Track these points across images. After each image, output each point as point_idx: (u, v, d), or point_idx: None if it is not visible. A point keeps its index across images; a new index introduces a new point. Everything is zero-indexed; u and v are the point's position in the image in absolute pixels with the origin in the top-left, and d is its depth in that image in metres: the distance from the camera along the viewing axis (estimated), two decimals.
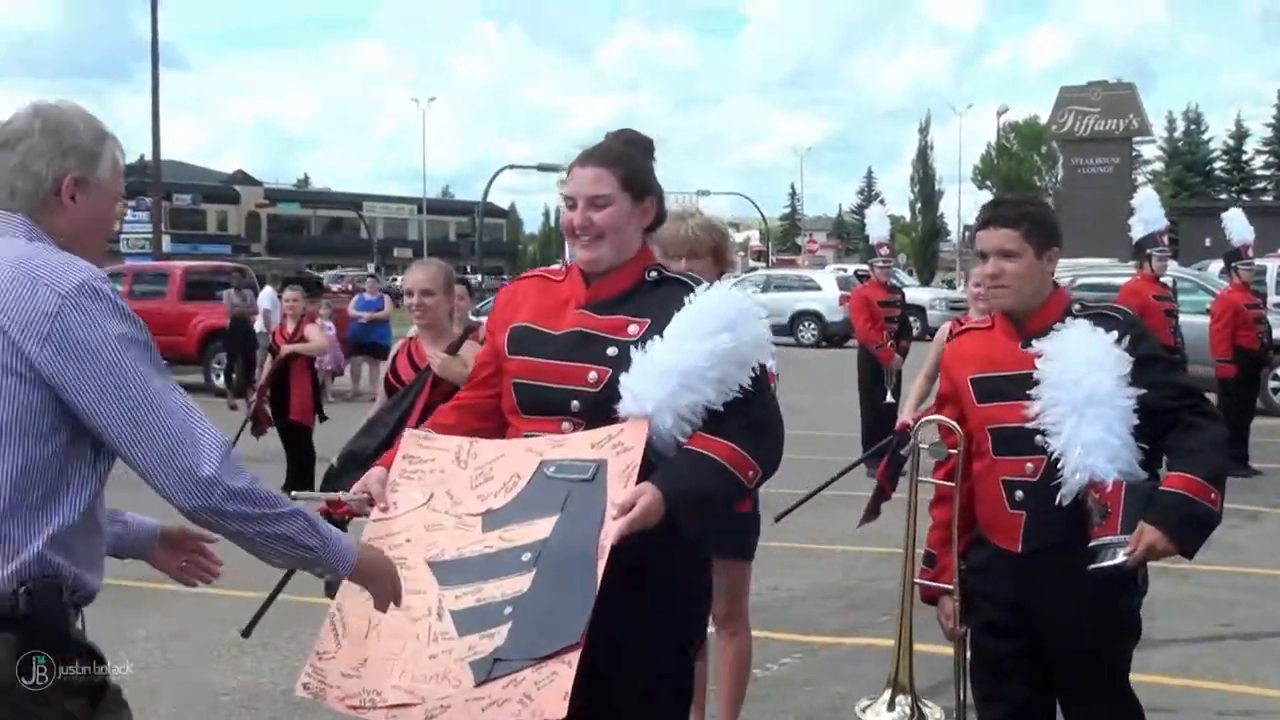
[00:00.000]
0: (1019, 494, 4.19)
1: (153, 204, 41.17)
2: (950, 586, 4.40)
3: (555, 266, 4.07)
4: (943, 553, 4.43)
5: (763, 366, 3.71)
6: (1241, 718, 6.77)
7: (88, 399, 2.77)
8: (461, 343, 6.45)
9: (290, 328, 14.21)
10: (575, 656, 3.29)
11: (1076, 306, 4.26)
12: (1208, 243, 39.44)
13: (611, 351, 3.66)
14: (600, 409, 3.63)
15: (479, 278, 44.66)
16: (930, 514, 4.49)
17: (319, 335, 14.33)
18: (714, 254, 5.43)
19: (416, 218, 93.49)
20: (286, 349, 13.74)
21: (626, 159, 3.81)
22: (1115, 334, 4.10)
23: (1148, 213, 13.79)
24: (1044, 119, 79.62)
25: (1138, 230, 13.82)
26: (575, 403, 3.66)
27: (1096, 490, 4.00)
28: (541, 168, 61.27)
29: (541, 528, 3.39)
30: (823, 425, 14.95)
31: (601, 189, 3.73)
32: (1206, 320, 14.99)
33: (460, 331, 6.63)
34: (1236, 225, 14.98)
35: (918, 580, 4.47)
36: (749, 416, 3.62)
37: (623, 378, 3.60)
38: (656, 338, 3.62)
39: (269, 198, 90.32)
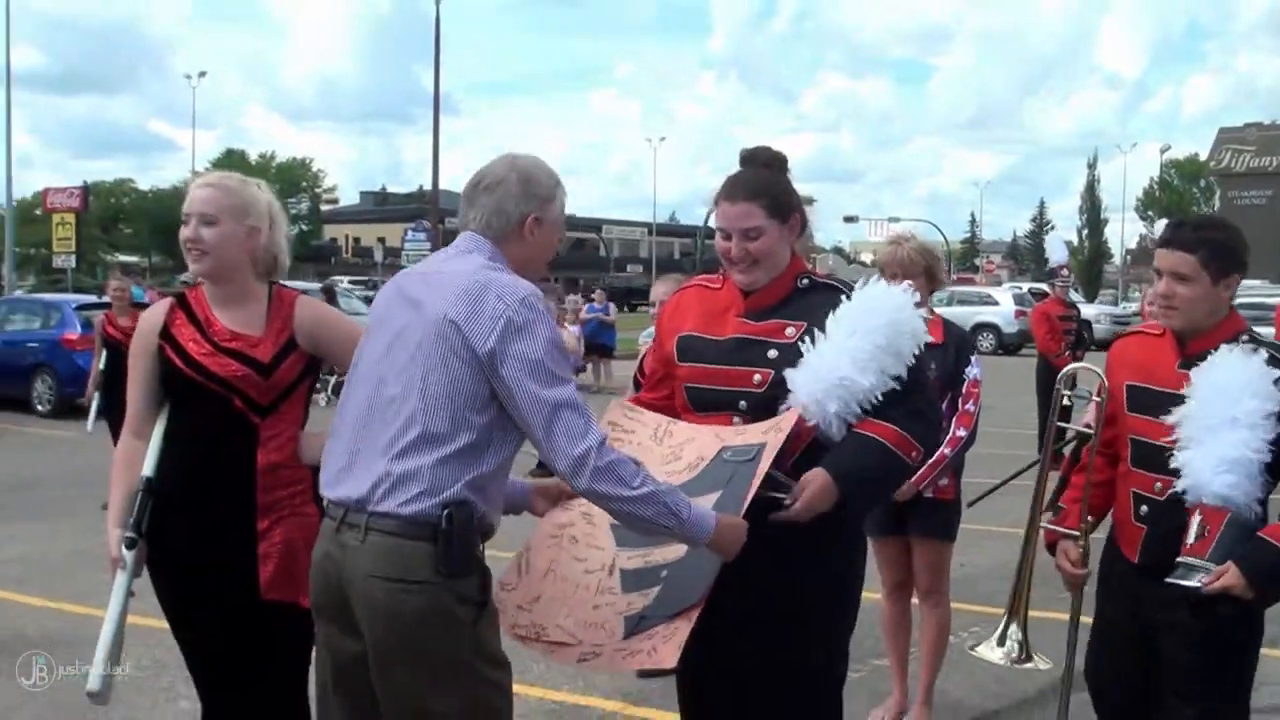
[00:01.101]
0: (1144, 509, 3.75)
1: (431, 226, 42.07)
2: (1075, 531, 3.93)
3: (711, 275, 3.88)
4: (1072, 507, 3.98)
5: (918, 356, 3.54)
6: None
7: (513, 382, 3.03)
8: None
9: None
10: (696, 614, 3.25)
11: (1244, 337, 3.69)
12: None
13: (772, 354, 3.53)
14: (765, 406, 3.50)
15: None
16: (1069, 478, 4.20)
17: (569, 339, 14.55)
18: (926, 274, 5.38)
19: (647, 239, 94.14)
20: None
21: (768, 186, 3.60)
22: (1275, 369, 3.57)
23: None
24: (1203, 156, 77.61)
25: None
26: (743, 402, 3.55)
27: (1204, 510, 3.55)
28: None
29: (706, 502, 3.31)
30: (1005, 424, 14.65)
31: (752, 222, 3.54)
32: None
33: None
34: None
35: (1044, 525, 4.04)
36: (909, 403, 3.48)
37: (789, 372, 3.47)
38: (819, 334, 3.49)
39: None
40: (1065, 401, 4.19)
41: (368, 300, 30.27)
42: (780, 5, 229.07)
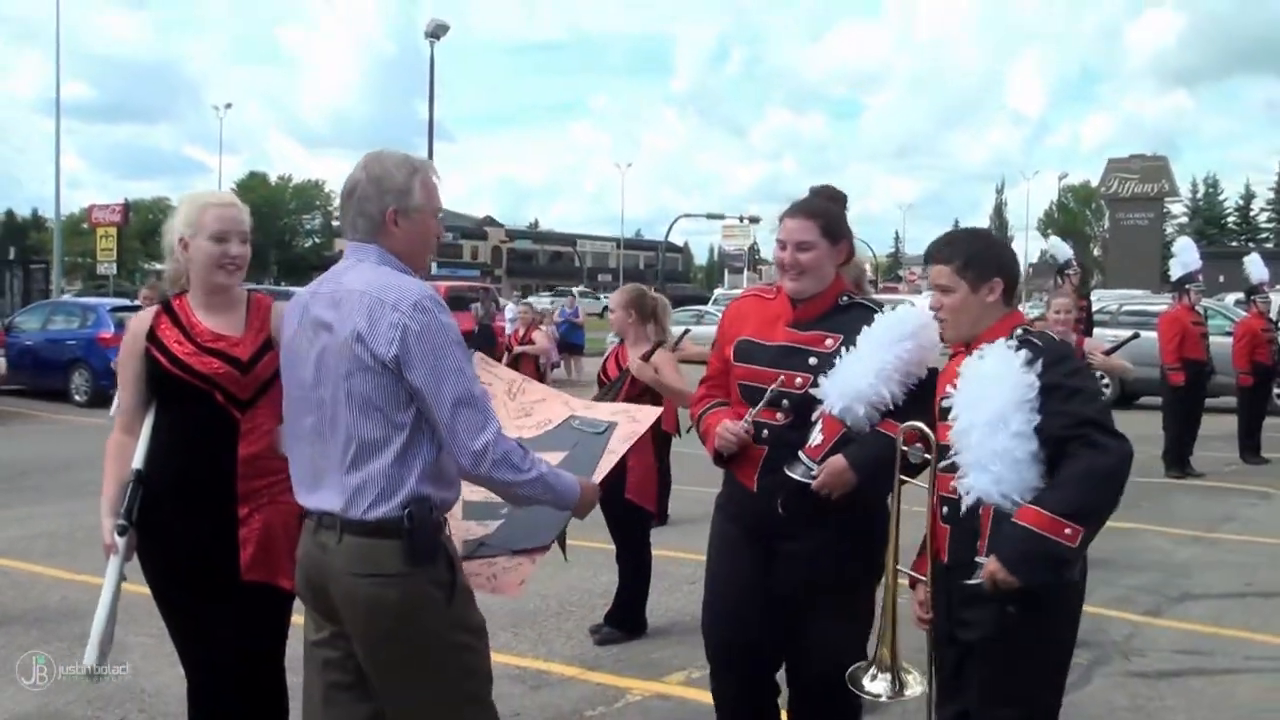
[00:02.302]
0: (945, 509, 3.34)
1: None
2: (923, 577, 3.48)
3: (767, 285, 4.02)
4: (925, 546, 3.49)
5: (933, 368, 3.62)
6: (1265, 662, 6.23)
7: (419, 383, 2.88)
8: (654, 351, 6.34)
9: (522, 332, 14.38)
10: (541, 556, 3.41)
11: (1019, 332, 3.30)
12: (1221, 279, 38.44)
13: (812, 361, 3.64)
14: (805, 404, 3.63)
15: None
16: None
17: (543, 338, 14.44)
18: (856, 284, 5.18)
19: (616, 252, 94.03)
20: (517, 349, 13.87)
21: (825, 211, 3.75)
22: (1028, 357, 3.19)
23: (1186, 256, 13.06)
24: (1094, 183, 78.30)
25: (1177, 269, 13.11)
26: (785, 400, 3.65)
27: (984, 510, 3.21)
28: (709, 216, 61.39)
29: (551, 459, 3.30)
30: None
31: (806, 236, 3.68)
32: (1228, 340, 14.23)
33: (653, 342, 6.49)
34: (1255, 267, 14.33)
35: (900, 569, 3.46)
36: (926, 404, 3.49)
37: (823, 379, 3.59)
38: (851, 346, 3.59)
39: (509, 236, 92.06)
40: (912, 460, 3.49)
41: None
42: (734, 50, 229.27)
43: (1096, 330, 13.60)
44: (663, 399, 6.23)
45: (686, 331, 8.32)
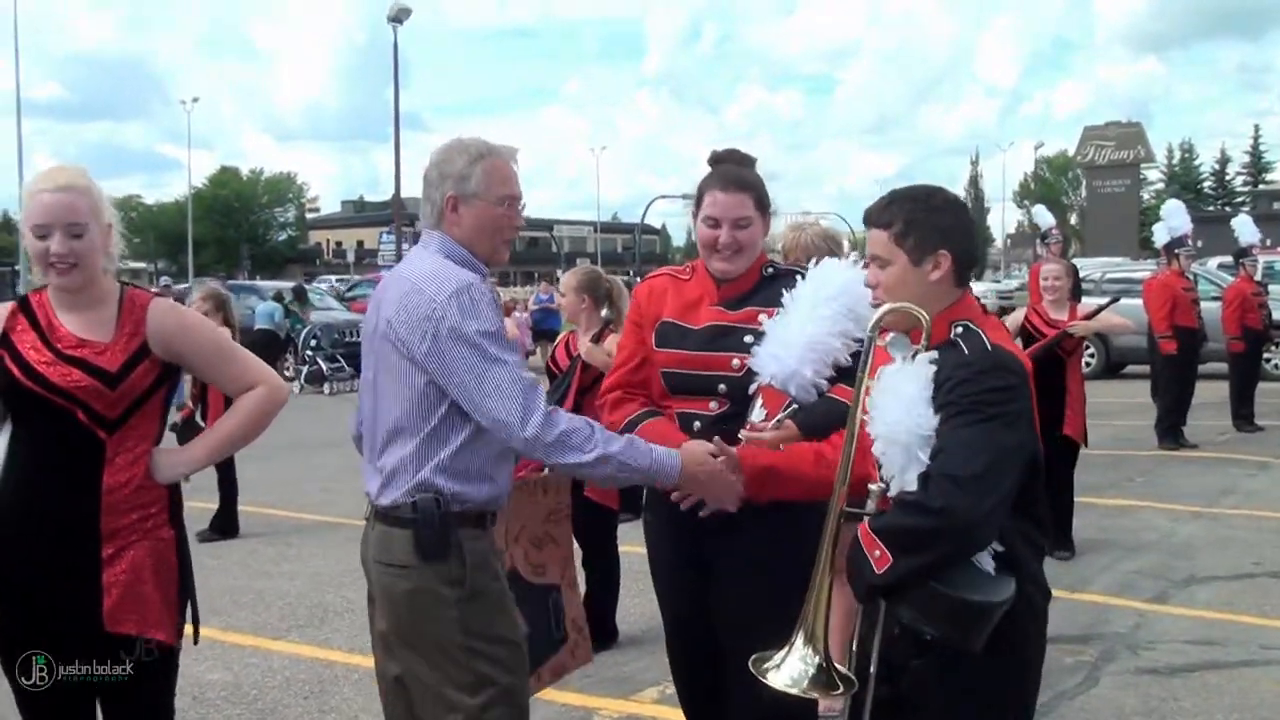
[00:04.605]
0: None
1: (395, 229, 41.44)
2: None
3: (680, 265, 3.63)
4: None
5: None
6: None
7: (454, 376, 2.83)
8: (604, 334, 5.89)
9: None
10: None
11: (958, 330, 2.65)
12: (1199, 244, 38.07)
13: (749, 339, 3.28)
14: (743, 388, 3.26)
15: (639, 280, 44.32)
16: None
17: (513, 326, 14.02)
18: (830, 256, 4.72)
19: (593, 235, 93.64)
20: None
21: (756, 181, 3.42)
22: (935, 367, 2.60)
23: (1174, 220, 12.52)
24: (1070, 152, 78.15)
25: (1162, 234, 12.61)
26: (721, 385, 3.30)
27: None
28: (685, 197, 60.84)
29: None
30: None
31: (744, 211, 3.34)
32: (1216, 305, 13.80)
33: (601, 324, 6.02)
34: (1245, 229, 13.96)
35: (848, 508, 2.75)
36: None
37: (757, 349, 3.23)
38: (781, 310, 3.26)
39: None
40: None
41: (339, 297, 29.56)
42: (705, 30, 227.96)
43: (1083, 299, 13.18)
44: None
45: None
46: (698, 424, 3.29)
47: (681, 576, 3.42)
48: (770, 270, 3.42)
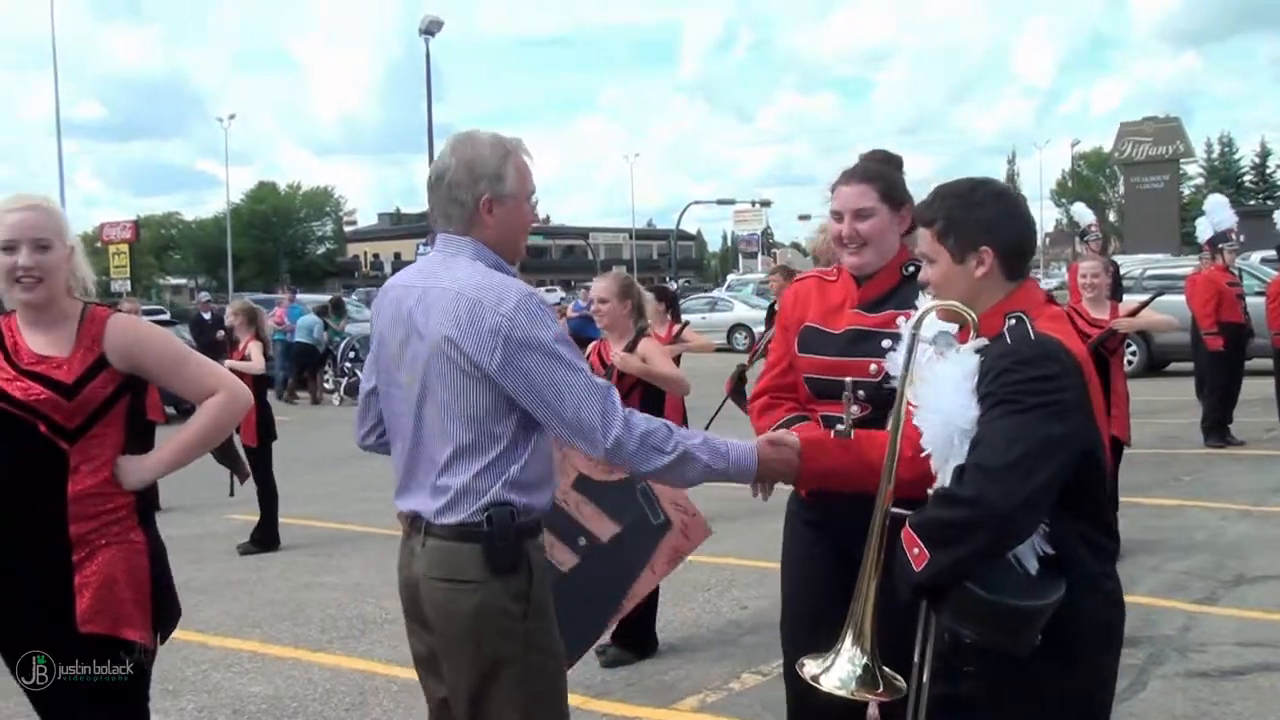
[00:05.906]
0: None
1: (430, 240, 41.66)
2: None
3: (828, 268, 3.57)
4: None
5: None
6: None
7: (527, 388, 2.75)
8: (637, 341, 5.86)
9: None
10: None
11: (1011, 322, 2.59)
12: (1242, 239, 37.63)
13: (886, 344, 3.14)
14: (881, 392, 3.15)
15: (676, 284, 44.30)
16: None
17: None
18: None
19: (628, 243, 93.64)
20: None
21: (884, 174, 3.34)
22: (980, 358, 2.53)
23: (1217, 215, 12.35)
24: (1107, 148, 77.34)
25: (1205, 229, 12.42)
26: (861, 391, 3.21)
27: None
28: (720, 202, 61.06)
29: (605, 527, 3.14)
30: None
31: (865, 202, 3.28)
32: (1260, 300, 13.57)
33: (635, 332, 5.98)
34: None
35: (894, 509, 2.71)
36: None
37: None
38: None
39: None
40: None
41: None
42: (739, 35, 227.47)
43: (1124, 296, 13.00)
44: (655, 390, 5.94)
45: (687, 323, 8.03)
46: (839, 426, 3.20)
47: (818, 567, 3.36)
48: (911, 268, 3.27)
